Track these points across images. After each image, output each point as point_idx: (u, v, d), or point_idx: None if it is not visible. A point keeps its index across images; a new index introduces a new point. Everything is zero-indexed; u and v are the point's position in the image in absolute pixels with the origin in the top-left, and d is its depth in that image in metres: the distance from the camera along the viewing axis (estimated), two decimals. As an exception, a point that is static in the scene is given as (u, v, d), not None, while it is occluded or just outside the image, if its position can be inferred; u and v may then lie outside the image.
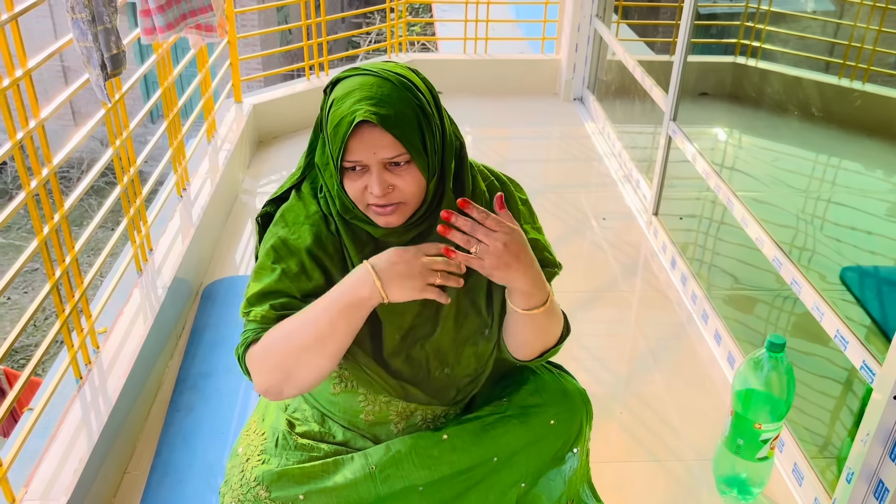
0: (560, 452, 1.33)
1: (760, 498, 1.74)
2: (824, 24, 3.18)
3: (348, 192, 1.17)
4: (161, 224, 2.41)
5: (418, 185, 1.16)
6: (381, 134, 1.11)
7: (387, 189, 1.14)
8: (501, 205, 1.13)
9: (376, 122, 1.10)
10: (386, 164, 1.13)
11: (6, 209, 1.53)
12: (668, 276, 2.58)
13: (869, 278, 2.15)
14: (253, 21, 10.84)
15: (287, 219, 1.25)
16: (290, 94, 3.65)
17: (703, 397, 2.08)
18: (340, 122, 1.12)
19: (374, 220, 1.18)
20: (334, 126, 1.13)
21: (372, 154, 1.12)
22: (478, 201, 1.25)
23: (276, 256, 1.23)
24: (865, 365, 1.51)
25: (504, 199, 1.15)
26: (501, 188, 1.32)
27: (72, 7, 1.59)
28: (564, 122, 3.93)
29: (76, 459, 1.57)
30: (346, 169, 1.15)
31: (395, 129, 1.11)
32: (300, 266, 1.22)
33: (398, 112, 1.12)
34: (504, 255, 1.10)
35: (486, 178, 1.32)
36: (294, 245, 1.22)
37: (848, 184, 2.79)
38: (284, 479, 1.28)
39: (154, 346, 2.01)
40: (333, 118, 1.13)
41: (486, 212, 1.11)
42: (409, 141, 1.12)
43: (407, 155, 1.13)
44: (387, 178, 1.14)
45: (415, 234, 1.23)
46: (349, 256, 1.24)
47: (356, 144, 1.12)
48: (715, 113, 3.46)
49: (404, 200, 1.16)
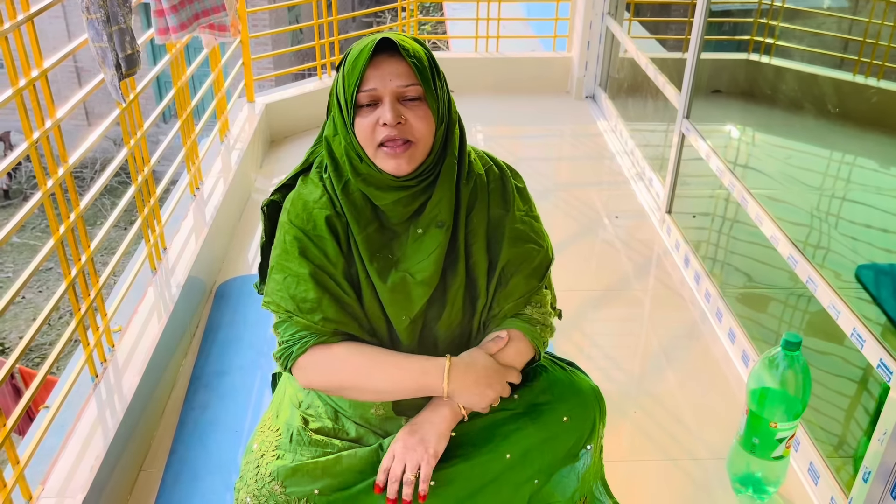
0: (573, 449, 1.33)
1: (776, 497, 1.73)
2: (839, 21, 3.16)
3: (359, 133, 1.21)
4: (175, 223, 2.43)
5: (428, 124, 1.21)
6: (398, 63, 1.18)
7: (399, 118, 1.18)
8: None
9: (395, 46, 1.17)
10: (399, 96, 1.19)
11: (22, 209, 1.54)
12: (682, 274, 2.57)
13: (885, 276, 2.13)
14: (264, 20, 10.88)
15: (297, 207, 1.29)
16: (301, 93, 3.67)
17: (718, 396, 2.07)
18: (360, 54, 1.19)
19: (383, 165, 1.22)
20: (353, 60, 1.19)
21: (388, 81, 1.18)
22: (471, 184, 1.31)
23: (300, 248, 1.26)
24: (882, 363, 1.50)
25: (500, 181, 1.32)
26: (499, 173, 1.36)
27: (87, 7, 1.60)
28: (576, 119, 3.92)
29: (92, 457, 1.59)
30: (360, 108, 1.20)
31: (412, 58, 1.18)
32: (325, 255, 1.26)
33: (413, 48, 1.20)
34: (413, 452, 1.23)
35: (485, 164, 1.36)
36: (315, 234, 1.26)
37: (863, 181, 2.76)
38: (299, 474, 1.28)
39: (168, 344, 2.02)
40: (352, 56, 1.20)
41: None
42: (423, 75, 1.19)
43: (419, 88, 1.19)
44: (399, 108, 1.19)
45: (418, 204, 1.26)
46: (352, 235, 1.27)
47: (372, 73, 1.18)
48: (728, 110, 3.44)
49: (414, 139, 1.20)
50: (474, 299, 1.32)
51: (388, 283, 1.26)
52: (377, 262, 1.27)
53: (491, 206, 1.32)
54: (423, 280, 1.26)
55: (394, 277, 1.26)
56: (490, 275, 1.31)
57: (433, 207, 1.26)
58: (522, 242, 1.33)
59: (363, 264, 1.27)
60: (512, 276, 1.32)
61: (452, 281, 1.29)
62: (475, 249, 1.30)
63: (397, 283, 1.26)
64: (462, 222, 1.29)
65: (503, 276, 1.32)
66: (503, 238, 1.31)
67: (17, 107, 1.51)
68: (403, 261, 1.28)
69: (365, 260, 1.26)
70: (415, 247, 1.27)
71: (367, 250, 1.26)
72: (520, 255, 1.32)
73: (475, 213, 1.30)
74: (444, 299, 1.30)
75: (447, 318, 1.31)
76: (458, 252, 1.29)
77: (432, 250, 1.26)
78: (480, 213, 1.31)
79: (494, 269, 1.31)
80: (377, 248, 1.27)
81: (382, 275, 1.27)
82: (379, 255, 1.27)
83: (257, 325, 2.28)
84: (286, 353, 1.29)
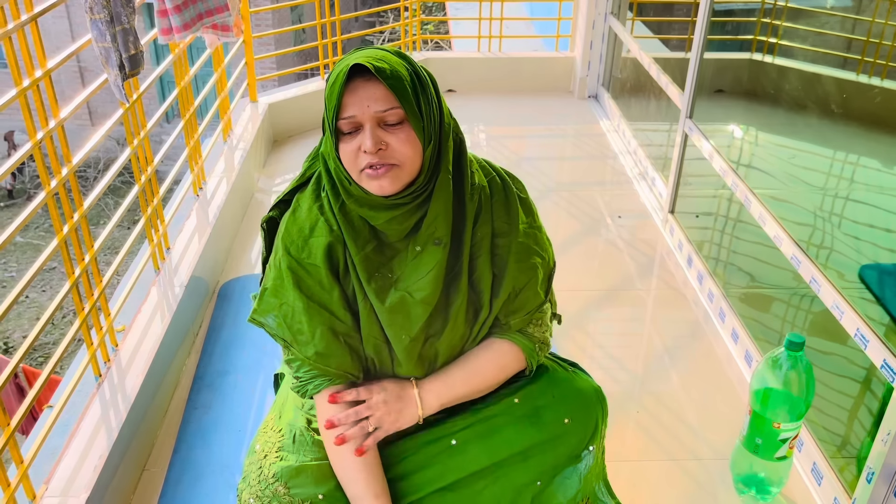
0: (576, 450, 1.33)
1: (779, 497, 1.73)
2: (842, 20, 3.15)
3: (343, 158, 1.17)
4: (178, 223, 2.43)
5: (413, 147, 1.16)
6: (374, 86, 1.13)
7: (379, 144, 1.14)
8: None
9: (371, 71, 1.12)
10: (380, 121, 1.14)
11: (26, 209, 1.54)
12: (685, 274, 2.57)
13: (888, 276, 2.13)
14: (267, 20, 10.89)
15: (292, 234, 1.26)
16: (304, 93, 3.67)
17: (721, 396, 2.06)
18: (336, 78, 1.14)
19: (367, 186, 1.18)
20: (330, 85, 1.15)
21: (365, 107, 1.13)
22: (475, 195, 1.27)
23: (294, 279, 1.24)
24: (886, 363, 1.49)
25: (503, 192, 1.29)
26: (502, 183, 1.33)
27: (90, 8, 1.60)
28: (579, 119, 3.92)
29: (96, 456, 1.59)
30: (343, 134, 1.16)
31: (389, 80, 1.12)
32: (319, 284, 1.24)
33: (392, 67, 1.14)
34: (387, 416, 1.26)
35: (487, 174, 1.32)
36: (309, 263, 1.24)
37: (867, 181, 2.76)
38: (303, 475, 1.28)
39: (172, 343, 2.02)
40: (329, 80, 1.16)
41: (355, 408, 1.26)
42: (402, 95, 1.13)
43: (401, 111, 1.14)
44: (380, 134, 1.14)
45: (414, 221, 1.23)
46: (349, 256, 1.24)
47: (350, 98, 1.14)
48: (731, 110, 3.44)
49: (398, 162, 1.16)
50: (477, 312, 1.30)
51: (387, 304, 1.24)
52: (375, 282, 1.24)
53: (495, 219, 1.29)
54: (423, 299, 1.24)
55: (392, 297, 1.24)
56: (494, 287, 1.29)
57: (429, 225, 1.23)
58: (528, 257, 1.30)
59: (361, 285, 1.25)
60: (520, 293, 1.31)
61: (455, 297, 1.27)
62: (480, 263, 1.28)
63: (396, 304, 1.24)
64: (467, 237, 1.26)
65: (511, 293, 1.30)
66: (508, 252, 1.29)
67: (21, 106, 1.51)
68: (403, 279, 1.25)
69: (363, 280, 1.24)
70: (413, 264, 1.24)
71: (365, 270, 1.24)
72: (526, 271, 1.30)
73: (479, 227, 1.27)
74: (446, 316, 1.27)
75: (449, 335, 1.29)
76: (460, 267, 1.26)
77: (430, 268, 1.23)
78: (485, 227, 1.28)
79: (499, 282, 1.29)
80: (375, 267, 1.24)
81: (381, 295, 1.24)
82: (378, 275, 1.24)
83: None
84: (302, 391, 1.30)
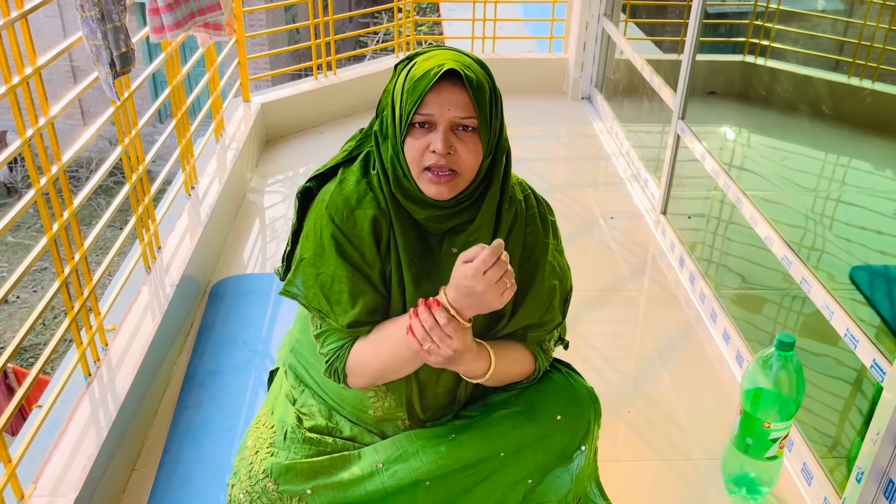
0: (567, 450, 1.33)
1: (769, 497, 1.74)
2: (834, 23, 3.17)
3: (407, 152, 1.19)
4: (169, 222, 2.42)
5: (476, 157, 1.19)
6: (459, 93, 1.15)
7: (449, 148, 1.16)
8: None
9: (462, 78, 1.14)
10: (454, 125, 1.17)
11: (15, 207, 1.53)
12: (677, 275, 2.58)
13: (878, 277, 2.14)
14: (261, 20, 10.86)
15: (337, 203, 1.25)
16: (297, 93, 3.66)
17: (712, 396, 2.07)
18: (424, 76, 1.15)
19: (425, 188, 1.20)
20: (415, 80, 1.16)
21: (446, 111, 1.16)
22: (512, 210, 1.29)
23: (337, 248, 1.23)
24: (876, 364, 1.50)
25: (537, 210, 1.32)
26: (536, 202, 1.35)
27: (81, 5, 1.59)
28: (572, 121, 3.93)
29: (85, 456, 1.58)
30: (412, 126, 1.17)
31: (475, 90, 1.15)
32: (362, 256, 1.24)
33: (478, 78, 1.17)
34: (446, 362, 1.18)
35: (524, 190, 1.35)
36: (354, 234, 1.24)
37: (857, 183, 2.77)
38: (292, 472, 1.28)
39: (162, 343, 2.01)
40: (415, 73, 1.16)
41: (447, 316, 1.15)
42: (481, 108, 1.16)
43: (475, 120, 1.17)
44: (451, 139, 1.17)
45: (453, 223, 1.25)
46: (394, 237, 1.25)
47: (432, 98, 1.15)
48: (723, 112, 3.45)
49: (460, 170, 1.18)
50: (496, 319, 1.31)
51: (420, 291, 1.25)
52: (414, 268, 1.25)
53: (527, 234, 1.31)
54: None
55: (426, 287, 1.25)
56: (517, 299, 1.28)
57: (473, 232, 1.25)
58: (553, 277, 1.33)
59: (399, 267, 1.25)
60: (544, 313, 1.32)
61: None
62: None
63: (428, 294, 1.24)
64: None
65: (532, 309, 1.31)
66: (536, 268, 1.30)
67: (11, 104, 1.50)
68: (436, 272, 1.26)
69: (404, 263, 1.24)
70: (447, 263, 1.25)
71: (407, 253, 1.24)
72: (551, 289, 1.32)
73: (512, 238, 1.30)
74: None
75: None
76: None
77: None
78: (517, 240, 1.30)
79: (523, 294, 1.29)
80: (415, 253, 1.26)
81: (416, 281, 1.25)
82: (416, 262, 1.26)
83: (251, 325, 2.27)
84: (332, 371, 1.29)
